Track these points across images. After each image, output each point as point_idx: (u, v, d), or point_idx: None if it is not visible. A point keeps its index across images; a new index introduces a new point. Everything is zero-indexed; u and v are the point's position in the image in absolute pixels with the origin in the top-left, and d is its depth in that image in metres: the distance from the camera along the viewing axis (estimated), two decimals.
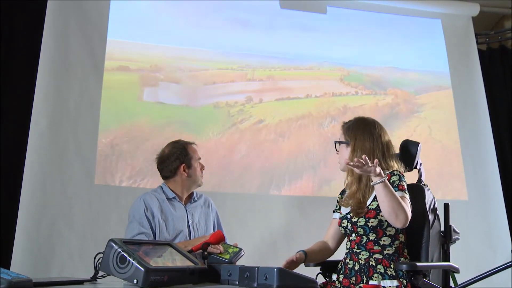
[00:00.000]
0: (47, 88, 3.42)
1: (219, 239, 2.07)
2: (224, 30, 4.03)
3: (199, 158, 2.58)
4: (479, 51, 4.64)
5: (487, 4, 4.66)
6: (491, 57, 4.81)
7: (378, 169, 1.89)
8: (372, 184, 1.93)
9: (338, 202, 2.24)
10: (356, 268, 2.02)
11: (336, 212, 2.23)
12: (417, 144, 2.26)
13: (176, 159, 2.54)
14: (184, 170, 2.53)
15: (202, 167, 2.60)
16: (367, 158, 1.87)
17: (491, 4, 4.71)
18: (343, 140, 2.15)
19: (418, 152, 2.24)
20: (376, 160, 1.90)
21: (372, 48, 4.34)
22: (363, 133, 2.10)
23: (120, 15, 3.76)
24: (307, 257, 2.12)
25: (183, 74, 3.87)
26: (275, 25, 4.15)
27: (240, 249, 2.18)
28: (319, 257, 2.20)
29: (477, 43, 4.69)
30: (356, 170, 1.91)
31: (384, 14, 4.43)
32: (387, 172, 2.03)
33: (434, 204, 2.21)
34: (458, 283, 2.77)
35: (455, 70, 4.46)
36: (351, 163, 1.89)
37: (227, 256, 2.09)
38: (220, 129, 3.81)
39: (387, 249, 2.01)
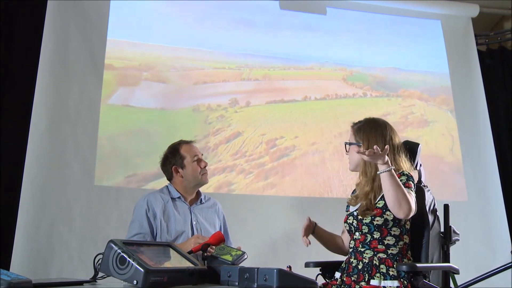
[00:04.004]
0: (47, 88, 3.42)
1: (219, 240, 2.06)
2: (225, 30, 4.02)
3: (196, 156, 2.54)
4: (479, 52, 4.65)
5: (486, 5, 4.67)
6: (491, 57, 4.82)
7: (386, 157, 1.90)
8: (378, 172, 1.94)
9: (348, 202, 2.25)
10: (360, 267, 2.02)
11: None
12: (417, 145, 2.26)
13: (169, 163, 2.55)
14: (177, 172, 2.53)
15: (202, 164, 2.55)
16: (378, 148, 1.88)
17: (491, 5, 4.71)
18: (353, 141, 2.15)
19: (418, 153, 2.24)
20: (386, 146, 1.92)
21: (373, 49, 4.34)
22: (375, 135, 2.10)
23: (120, 15, 3.75)
24: (316, 227, 2.25)
25: (175, 74, 3.80)
26: (275, 25, 4.14)
27: (244, 253, 2.17)
28: (326, 235, 2.27)
29: (477, 44, 4.70)
30: (365, 157, 1.91)
31: (383, 15, 4.44)
32: (397, 173, 2.03)
33: (434, 205, 2.21)
34: (458, 284, 2.77)
35: (454, 71, 4.47)
36: (362, 150, 1.91)
37: (230, 258, 2.09)
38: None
39: (391, 248, 2.01)
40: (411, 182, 2.02)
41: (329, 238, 2.30)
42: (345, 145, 2.18)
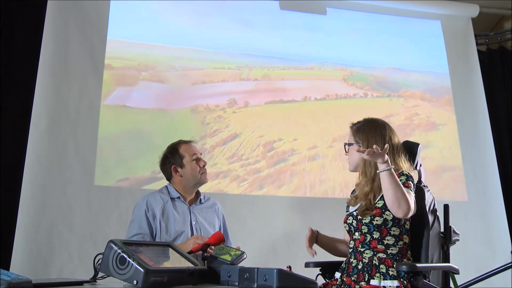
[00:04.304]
0: (47, 88, 3.42)
1: (219, 240, 2.06)
2: (225, 30, 4.01)
3: (195, 155, 2.55)
4: (479, 52, 4.65)
5: (486, 5, 4.67)
6: (491, 58, 4.82)
7: (386, 156, 1.91)
8: (378, 171, 1.94)
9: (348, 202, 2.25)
10: (360, 267, 2.02)
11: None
12: (417, 145, 2.27)
13: (168, 162, 2.56)
14: (176, 171, 2.53)
15: (202, 164, 2.56)
16: (378, 147, 1.89)
17: (491, 5, 4.71)
18: (352, 141, 2.15)
19: (418, 153, 2.24)
20: (386, 145, 1.92)
21: (372, 49, 4.34)
22: (374, 135, 2.10)
23: (120, 15, 3.75)
24: (318, 235, 2.23)
25: (174, 74, 3.78)
26: (275, 25, 4.14)
27: (243, 252, 2.18)
28: (329, 242, 2.27)
29: (477, 44, 4.70)
30: (365, 156, 1.91)
31: (383, 15, 4.44)
32: (396, 173, 2.03)
33: (434, 205, 2.21)
34: (458, 284, 2.77)
35: (454, 71, 4.47)
36: (362, 149, 1.92)
37: (229, 258, 2.09)
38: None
39: (390, 248, 2.01)
40: (410, 182, 2.03)
41: (332, 244, 2.29)
42: (345, 145, 2.19)
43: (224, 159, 3.68)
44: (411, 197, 1.96)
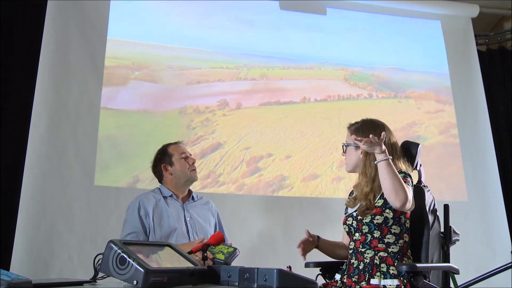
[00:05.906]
0: (47, 88, 3.42)
1: (219, 240, 2.07)
2: (224, 30, 4.00)
3: (183, 153, 2.62)
4: (479, 52, 4.65)
5: (486, 5, 4.67)
6: (491, 58, 4.82)
7: (383, 147, 1.92)
8: (375, 162, 1.96)
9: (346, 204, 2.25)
10: (361, 267, 2.02)
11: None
12: (417, 145, 2.27)
13: (158, 163, 2.63)
14: (166, 170, 2.59)
15: (190, 161, 2.62)
16: (375, 137, 1.90)
17: (491, 5, 4.71)
18: (351, 142, 2.14)
19: (418, 153, 2.25)
20: (383, 133, 1.93)
21: (373, 49, 4.32)
22: (374, 135, 2.10)
23: (120, 15, 3.74)
24: (319, 240, 2.20)
25: (169, 73, 3.72)
26: (275, 25, 4.12)
27: (235, 249, 2.18)
28: (330, 248, 2.26)
29: (477, 44, 4.70)
30: (362, 146, 1.92)
31: (383, 15, 4.43)
32: None
33: (434, 205, 2.21)
34: (458, 284, 2.77)
35: (454, 71, 4.46)
36: (359, 139, 1.94)
37: (222, 257, 2.10)
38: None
39: (391, 247, 2.02)
40: (408, 179, 2.04)
41: (333, 249, 2.28)
42: (343, 146, 2.19)
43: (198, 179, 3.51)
44: (409, 190, 1.96)
